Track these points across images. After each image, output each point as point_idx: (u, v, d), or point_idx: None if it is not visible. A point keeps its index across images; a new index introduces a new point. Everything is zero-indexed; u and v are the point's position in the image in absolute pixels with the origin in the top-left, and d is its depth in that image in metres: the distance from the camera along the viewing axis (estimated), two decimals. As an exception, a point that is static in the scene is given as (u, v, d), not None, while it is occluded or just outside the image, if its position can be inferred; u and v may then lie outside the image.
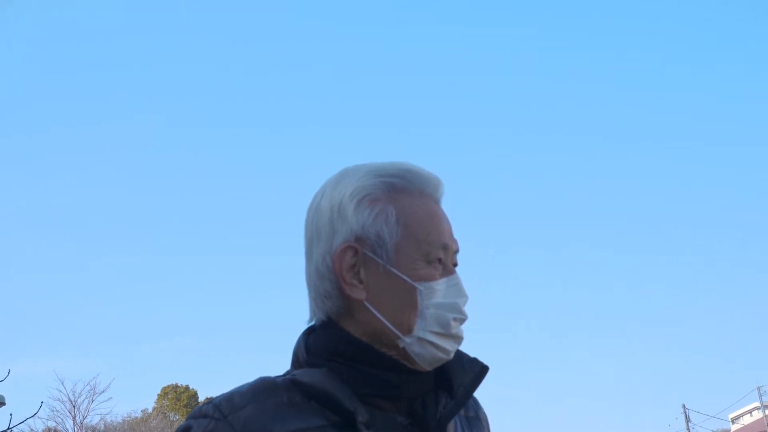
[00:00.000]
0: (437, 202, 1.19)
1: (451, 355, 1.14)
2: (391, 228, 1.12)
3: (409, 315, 1.11)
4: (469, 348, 1.20)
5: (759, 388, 37.13)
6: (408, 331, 1.11)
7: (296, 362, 1.16)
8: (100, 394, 29.83)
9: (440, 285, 1.12)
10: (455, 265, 1.18)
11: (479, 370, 1.19)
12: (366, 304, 1.12)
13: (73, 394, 29.18)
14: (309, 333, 1.18)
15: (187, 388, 43.22)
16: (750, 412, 46.47)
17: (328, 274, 1.14)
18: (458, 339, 1.14)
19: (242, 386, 1.09)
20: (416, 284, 1.11)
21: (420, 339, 1.11)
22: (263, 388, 1.07)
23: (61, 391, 30.13)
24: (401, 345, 1.11)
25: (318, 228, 1.16)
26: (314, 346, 1.14)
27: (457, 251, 1.18)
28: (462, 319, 1.14)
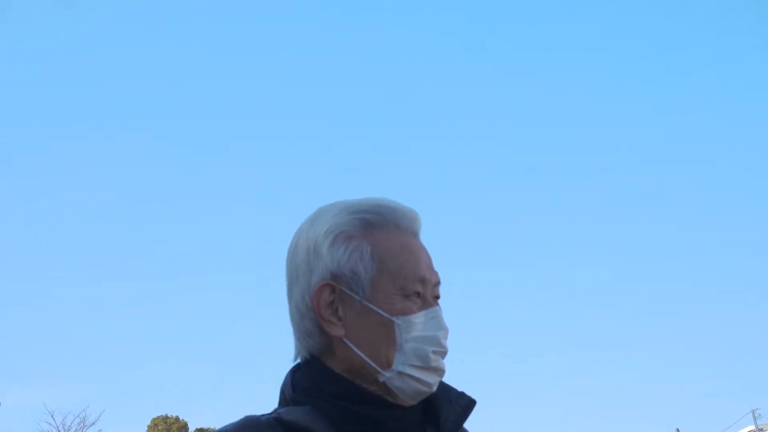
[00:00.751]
0: (414, 235, 1.20)
1: (434, 388, 1.13)
2: (366, 264, 1.14)
3: (387, 349, 1.12)
4: (460, 371, 1.18)
5: (754, 411, 37.12)
6: (387, 365, 1.11)
7: (283, 400, 1.17)
8: (90, 426, 29.48)
9: (419, 318, 1.13)
10: (437, 297, 1.18)
11: (466, 404, 1.19)
12: (345, 340, 1.13)
13: (63, 427, 28.83)
14: (296, 370, 1.19)
15: (177, 419, 42.78)
16: (745, 435, 46.38)
17: (308, 312, 1.15)
18: (440, 372, 1.14)
19: (227, 426, 1.09)
20: (393, 318, 1.12)
21: (400, 373, 1.11)
22: (247, 427, 1.08)
23: (50, 424, 29.74)
24: (381, 380, 1.11)
25: (296, 267, 1.18)
26: (299, 383, 1.15)
27: (437, 284, 1.18)
28: (442, 352, 1.14)
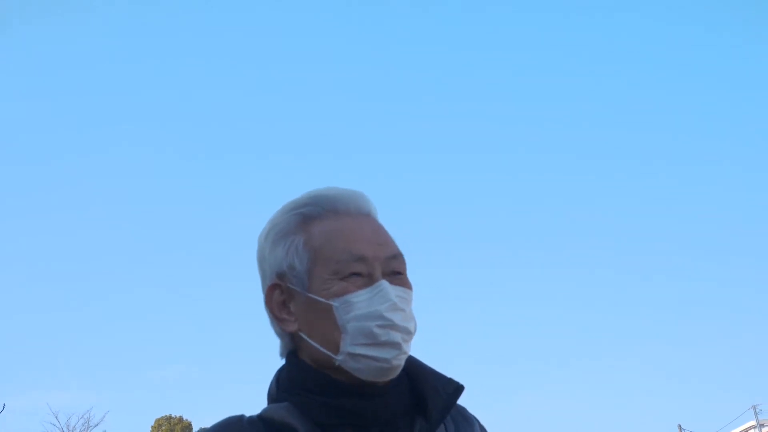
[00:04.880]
0: (357, 216, 1.20)
1: (394, 362, 1.13)
2: (301, 256, 1.17)
3: (332, 333, 1.13)
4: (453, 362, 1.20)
5: (755, 407, 37.15)
6: (337, 349, 1.13)
7: (270, 398, 1.20)
8: (95, 427, 29.46)
9: (359, 296, 1.13)
10: (396, 272, 1.18)
11: (453, 391, 1.19)
12: (300, 334, 1.17)
13: (68, 428, 28.85)
14: (281, 370, 1.22)
15: (181, 419, 42.82)
16: (746, 431, 46.42)
17: (270, 315, 1.21)
18: (393, 344, 1.12)
19: (211, 426, 1.14)
20: (330, 302, 1.13)
21: (351, 354, 1.12)
22: (229, 426, 1.13)
23: (55, 425, 29.84)
24: (337, 364, 1.13)
25: (260, 277, 1.24)
26: (282, 381, 1.19)
27: (393, 257, 1.18)
28: (390, 325, 1.12)
